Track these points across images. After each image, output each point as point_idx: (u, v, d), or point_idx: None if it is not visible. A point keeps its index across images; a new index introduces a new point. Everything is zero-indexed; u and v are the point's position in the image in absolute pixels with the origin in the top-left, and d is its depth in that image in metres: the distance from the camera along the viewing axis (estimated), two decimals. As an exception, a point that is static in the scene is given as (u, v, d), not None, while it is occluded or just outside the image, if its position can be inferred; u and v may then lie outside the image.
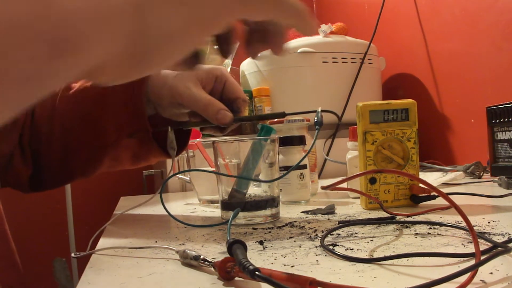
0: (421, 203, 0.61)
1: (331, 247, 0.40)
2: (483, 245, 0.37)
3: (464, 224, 0.47)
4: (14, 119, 0.19)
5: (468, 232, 0.42)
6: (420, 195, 0.60)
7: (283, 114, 0.63)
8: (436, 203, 0.59)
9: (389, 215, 0.54)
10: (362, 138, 0.61)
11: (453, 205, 0.32)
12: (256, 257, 0.39)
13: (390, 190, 0.61)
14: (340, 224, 0.50)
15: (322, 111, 0.62)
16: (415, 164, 0.61)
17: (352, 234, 0.46)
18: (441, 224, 0.46)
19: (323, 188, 0.46)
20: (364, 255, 0.37)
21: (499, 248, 0.34)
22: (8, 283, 0.50)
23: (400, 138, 0.61)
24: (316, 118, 0.61)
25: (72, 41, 0.20)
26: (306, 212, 0.63)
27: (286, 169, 0.72)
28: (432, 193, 0.60)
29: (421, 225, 0.48)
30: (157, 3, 0.23)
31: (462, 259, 0.34)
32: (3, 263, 0.50)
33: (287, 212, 0.64)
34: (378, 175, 0.61)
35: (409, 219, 0.52)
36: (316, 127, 0.61)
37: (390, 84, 1.56)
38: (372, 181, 0.61)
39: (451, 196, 0.59)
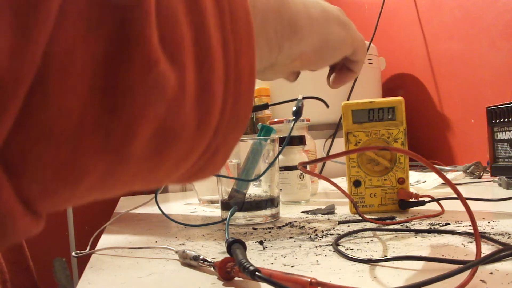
0: (410, 208, 0.57)
1: (332, 248, 0.40)
2: (484, 246, 0.37)
3: (464, 227, 0.47)
4: None
5: (468, 232, 0.42)
6: (408, 200, 0.57)
7: (266, 106, 0.62)
8: (425, 209, 0.57)
9: (388, 215, 0.54)
10: (345, 138, 0.59)
11: (466, 208, 0.32)
12: (256, 257, 0.39)
13: (376, 194, 0.58)
14: (349, 228, 0.50)
15: (305, 98, 0.57)
16: (403, 167, 0.57)
17: (352, 234, 0.46)
18: (445, 232, 0.46)
19: (301, 164, 0.41)
20: (364, 255, 0.37)
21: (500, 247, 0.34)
22: (21, 286, 0.51)
23: (385, 139, 0.58)
24: (295, 107, 0.56)
25: (298, 31, 0.32)
26: (306, 212, 0.63)
27: (286, 169, 0.72)
28: (421, 199, 0.57)
29: (421, 225, 0.48)
30: (333, 21, 0.36)
31: (462, 259, 0.34)
32: (16, 267, 0.51)
33: (287, 212, 0.64)
34: (363, 178, 0.58)
35: (408, 220, 0.52)
36: (294, 117, 0.56)
37: (390, 84, 1.56)
38: (357, 184, 0.59)
39: (450, 200, 0.60)
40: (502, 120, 0.82)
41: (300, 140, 0.74)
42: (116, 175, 0.17)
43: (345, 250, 0.39)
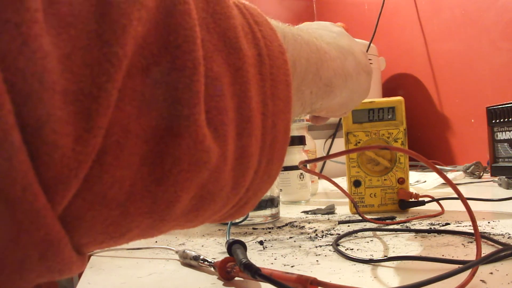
0: (410, 208, 0.57)
1: (332, 248, 0.40)
2: (484, 246, 0.37)
3: (464, 227, 0.47)
4: None
5: (468, 232, 0.42)
6: (408, 200, 0.56)
7: None
8: (425, 209, 0.57)
9: (388, 215, 0.54)
10: (345, 138, 0.59)
11: (467, 209, 0.32)
12: (256, 257, 0.39)
13: (376, 194, 0.58)
14: (349, 228, 0.50)
15: None
16: (403, 167, 0.57)
17: (352, 234, 0.46)
18: (445, 232, 0.46)
19: (301, 162, 0.41)
20: (364, 255, 0.37)
21: (501, 247, 0.34)
22: None
23: (385, 139, 0.58)
24: None
25: (333, 90, 0.31)
26: (306, 212, 0.63)
27: (286, 169, 0.72)
28: (421, 199, 0.57)
29: (421, 225, 0.48)
30: (362, 72, 0.36)
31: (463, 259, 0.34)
32: None
33: (287, 212, 0.64)
34: (363, 178, 0.58)
35: (408, 220, 0.52)
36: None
37: (390, 84, 1.56)
38: (357, 184, 0.59)
39: (450, 200, 0.60)
40: (502, 120, 0.82)
41: (300, 140, 0.74)
42: (157, 228, 0.19)
43: (345, 250, 0.39)
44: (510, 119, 0.81)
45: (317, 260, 0.36)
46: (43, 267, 0.14)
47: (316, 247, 0.41)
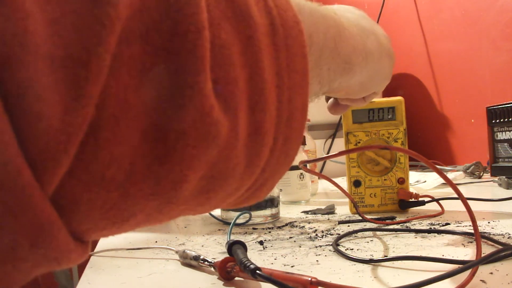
0: (410, 208, 0.57)
1: (332, 248, 0.40)
2: (484, 246, 0.37)
3: (464, 227, 0.47)
4: None
5: (468, 232, 0.42)
6: (408, 200, 0.57)
7: None
8: (425, 209, 0.57)
9: (388, 215, 0.54)
10: (345, 139, 0.59)
11: (467, 209, 0.32)
12: (256, 257, 0.39)
13: (376, 194, 0.58)
14: (349, 228, 0.50)
15: None
16: (403, 167, 0.58)
17: (352, 234, 0.46)
18: (445, 232, 0.46)
19: (302, 162, 0.41)
20: (364, 255, 0.37)
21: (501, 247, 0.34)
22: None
23: (385, 139, 0.58)
24: None
25: (352, 68, 0.29)
26: (306, 212, 0.63)
27: (286, 169, 0.72)
28: (421, 199, 0.57)
29: (421, 225, 0.48)
30: (384, 55, 0.34)
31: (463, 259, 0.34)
32: None
33: (287, 212, 0.64)
34: (363, 178, 0.58)
35: (408, 220, 0.52)
36: None
37: (390, 84, 1.56)
38: (357, 184, 0.59)
39: (450, 200, 0.60)
40: (502, 120, 0.82)
41: (300, 140, 0.74)
42: (164, 213, 0.17)
43: (345, 250, 0.39)
44: (510, 119, 0.81)
45: (317, 260, 0.36)
46: (38, 256, 0.13)
47: (316, 247, 0.41)
